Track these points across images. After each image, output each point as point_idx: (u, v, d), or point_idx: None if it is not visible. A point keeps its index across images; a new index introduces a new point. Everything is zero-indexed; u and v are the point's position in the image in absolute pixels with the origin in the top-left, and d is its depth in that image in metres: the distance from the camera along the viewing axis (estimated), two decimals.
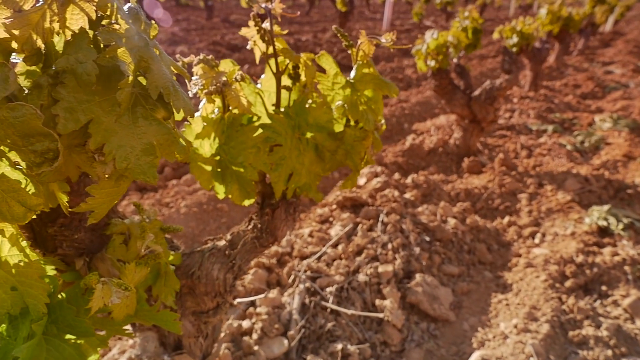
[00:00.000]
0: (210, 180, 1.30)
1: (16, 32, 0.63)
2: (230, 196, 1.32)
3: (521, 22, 4.03)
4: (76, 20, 0.63)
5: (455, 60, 3.95)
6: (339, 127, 1.39)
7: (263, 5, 1.32)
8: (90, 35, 0.67)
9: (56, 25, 0.63)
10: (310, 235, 2.86)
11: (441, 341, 2.34)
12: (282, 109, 1.38)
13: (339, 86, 1.42)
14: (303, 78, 1.38)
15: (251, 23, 1.29)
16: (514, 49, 3.99)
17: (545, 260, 2.84)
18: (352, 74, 1.46)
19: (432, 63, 3.68)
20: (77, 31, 0.63)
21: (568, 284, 2.65)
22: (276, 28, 1.31)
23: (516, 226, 3.35)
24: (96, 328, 0.91)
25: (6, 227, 0.76)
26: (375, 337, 2.21)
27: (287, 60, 1.35)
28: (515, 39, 3.97)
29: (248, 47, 1.34)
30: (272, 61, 1.33)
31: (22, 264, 0.76)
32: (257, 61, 1.35)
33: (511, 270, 2.89)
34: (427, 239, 2.94)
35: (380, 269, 2.54)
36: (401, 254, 2.72)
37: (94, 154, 0.70)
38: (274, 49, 1.30)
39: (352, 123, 1.43)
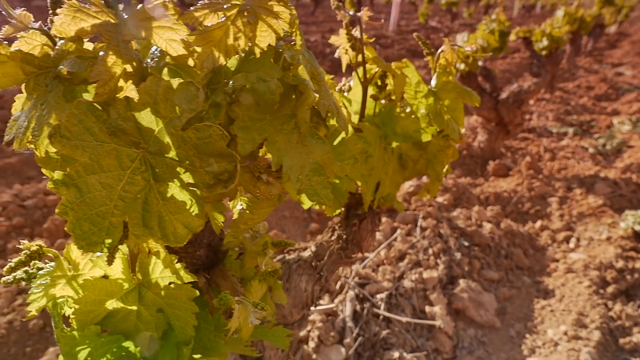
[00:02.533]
0: None
1: (198, 49, 0.61)
2: (317, 207, 1.30)
3: (549, 25, 4.02)
4: (264, 37, 0.61)
5: (480, 63, 3.94)
6: (426, 137, 1.37)
7: (351, 13, 1.30)
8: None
9: (242, 42, 0.60)
10: None
11: (490, 348, 2.32)
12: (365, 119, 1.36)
13: (421, 95, 1.40)
14: (389, 87, 1.36)
15: (342, 31, 1.27)
16: (544, 52, 3.98)
17: (585, 266, 2.83)
18: (433, 82, 1.44)
19: (461, 66, 3.66)
20: (265, 48, 0.61)
21: (610, 289, 2.64)
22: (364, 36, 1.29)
23: (549, 230, 3.33)
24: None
25: (160, 249, 0.73)
26: (427, 344, 2.19)
27: (374, 69, 1.33)
28: (545, 42, 3.96)
29: (336, 55, 1.31)
30: (360, 69, 1.31)
31: (172, 285, 0.74)
32: (344, 69, 1.33)
33: (551, 275, 2.88)
34: (466, 243, 2.93)
35: (424, 275, 2.52)
36: (442, 259, 2.71)
37: (260, 174, 0.68)
38: (363, 57, 1.28)
39: (434, 132, 1.41)
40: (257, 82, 0.62)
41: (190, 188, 0.64)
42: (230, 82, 0.64)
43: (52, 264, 0.75)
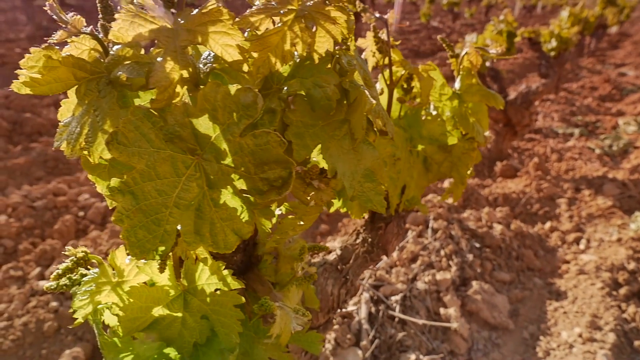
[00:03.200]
0: None
1: (255, 55, 0.60)
2: (343, 210, 1.29)
3: (557, 26, 4.02)
4: (322, 43, 0.60)
5: (488, 63, 3.93)
6: (452, 140, 1.36)
7: (378, 15, 1.29)
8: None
9: (299, 48, 0.60)
10: None
11: (504, 350, 2.32)
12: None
13: (446, 97, 1.39)
14: (415, 89, 1.35)
15: (369, 34, 1.26)
16: (552, 53, 3.97)
17: (597, 267, 2.83)
18: (457, 85, 1.43)
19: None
20: (323, 54, 0.60)
21: (622, 291, 2.64)
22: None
23: (559, 232, 3.33)
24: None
25: (207, 256, 0.73)
26: (442, 346, 2.19)
27: (400, 72, 1.33)
28: (554, 43, 3.95)
29: (362, 56, 1.31)
30: (386, 72, 1.30)
31: (218, 292, 0.73)
32: (370, 70, 1.32)
33: (562, 277, 2.87)
34: (477, 245, 2.92)
35: (437, 277, 2.52)
36: (454, 260, 2.70)
37: (311, 181, 0.67)
38: (390, 59, 1.28)
39: (459, 135, 1.41)
40: (314, 88, 0.61)
41: (244, 195, 0.64)
42: (285, 88, 0.63)
43: (96, 270, 0.74)
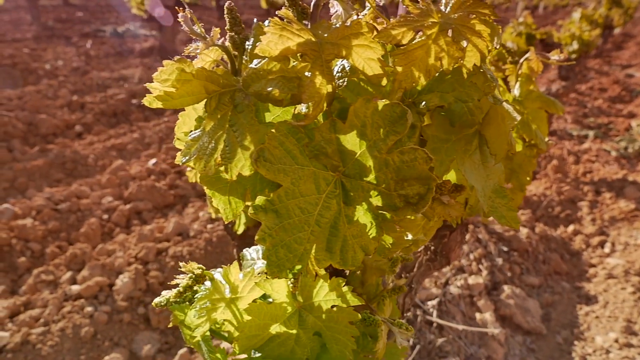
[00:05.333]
0: None
1: (399, 69, 0.59)
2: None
3: (577, 28, 4.01)
4: (470, 57, 0.59)
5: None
6: (518, 147, 1.35)
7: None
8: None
9: (445, 62, 0.58)
10: None
11: (540, 355, 2.31)
12: None
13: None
14: None
15: None
16: (574, 56, 3.97)
17: (625, 272, 2.82)
18: (517, 91, 1.42)
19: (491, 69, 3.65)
20: (471, 69, 0.59)
21: None
22: None
23: (582, 235, 3.32)
24: None
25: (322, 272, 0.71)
26: (479, 351, 2.18)
27: None
28: (575, 46, 3.95)
29: None
30: None
31: (334, 309, 0.72)
32: None
33: (591, 281, 2.86)
34: (505, 248, 2.92)
35: (470, 281, 2.51)
36: (484, 265, 2.69)
37: (440, 196, 0.65)
38: None
39: (521, 142, 1.39)
40: (455, 102, 0.60)
41: (379, 211, 0.62)
42: (422, 102, 0.61)
43: (208, 285, 0.72)
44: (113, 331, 2.13)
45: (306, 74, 0.56)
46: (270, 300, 0.77)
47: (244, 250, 0.93)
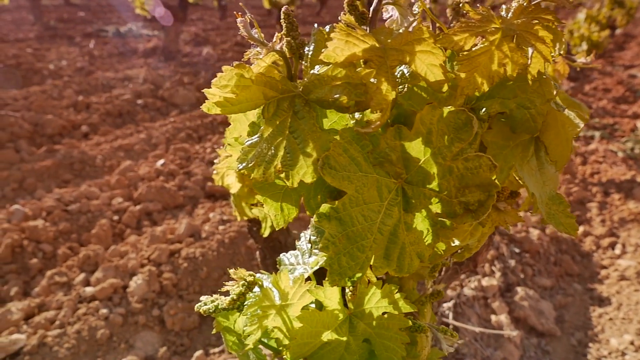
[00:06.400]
0: None
1: (462, 75, 0.58)
2: None
3: (586, 29, 4.01)
4: (535, 64, 0.58)
5: None
6: None
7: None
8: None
9: (509, 69, 0.58)
10: None
11: (554, 357, 2.30)
12: None
13: None
14: None
15: None
16: None
17: (637, 273, 2.82)
18: None
19: None
20: (535, 75, 0.58)
21: None
22: None
23: (592, 236, 3.32)
24: None
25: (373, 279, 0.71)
26: (495, 354, 2.17)
27: None
28: (585, 46, 3.95)
29: None
30: None
31: (385, 315, 0.71)
32: None
33: (603, 282, 2.86)
34: (517, 250, 2.91)
35: (483, 283, 2.50)
36: (497, 266, 2.69)
37: (497, 203, 0.65)
38: None
39: None
40: (517, 109, 0.59)
41: (438, 218, 0.62)
42: (483, 109, 0.61)
43: (257, 292, 0.71)
44: (129, 333, 2.12)
45: (372, 80, 0.55)
46: (312, 306, 0.76)
47: (282, 255, 0.92)
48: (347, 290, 0.68)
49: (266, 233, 1.32)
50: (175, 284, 2.40)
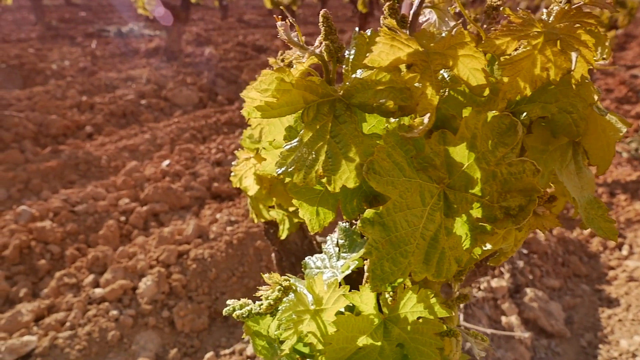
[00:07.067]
0: None
1: (505, 79, 0.58)
2: None
3: None
4: (579, 68, 0.58)
5: None
6: None
7: None
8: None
9: (552, 73, 0.57)
10: None
11: (565, 358, 2.30)
12: None
13: None
14: None
15: None
16: None
17: None
18: None
19: None
20: (579, 80, 0.58)
21: None
22: None
23: (599, 237, 3.32)
24: None
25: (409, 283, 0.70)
26: (507, 355, 2.17)
27: None
28: None
29: None
30: None
31: (420, 320, 0.71)
32: None
33: (611, 283, 2.86)
34: (525, 251, 2.91)
35: (493, 284, 2.50)
36: (506, 267, 2.69)
37: (537, 207, 0.64)
38: None
39: None
40: (559, 113, 0.59)
41: (479, 223, 0.61)
42: (524, 113, 0.60)
43: (291, 297, 0.71)
44: (139, 335, 2.11)
45: (416, 84, 0.55)
46: (342, 310, 0.76)
47: (307, 259, 0.91)
48: (387, 295, 0.68)
49: (284, 235, 1.32)
50: (185, 285, 2.39)
